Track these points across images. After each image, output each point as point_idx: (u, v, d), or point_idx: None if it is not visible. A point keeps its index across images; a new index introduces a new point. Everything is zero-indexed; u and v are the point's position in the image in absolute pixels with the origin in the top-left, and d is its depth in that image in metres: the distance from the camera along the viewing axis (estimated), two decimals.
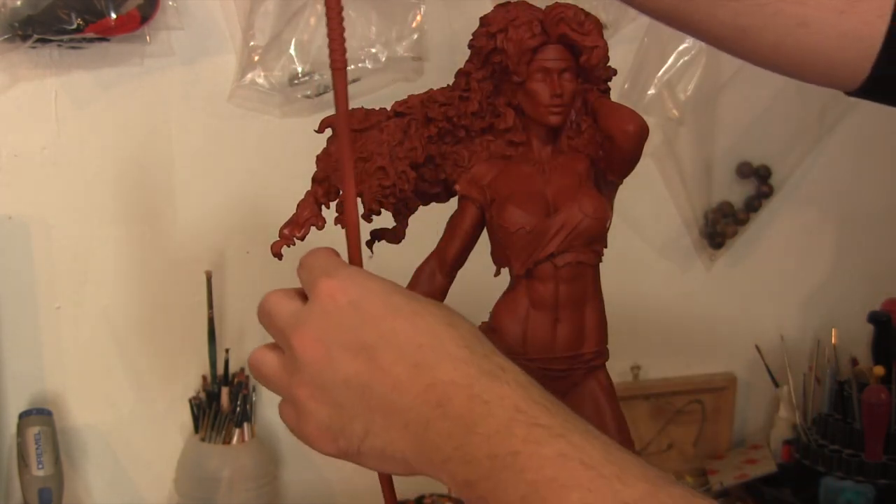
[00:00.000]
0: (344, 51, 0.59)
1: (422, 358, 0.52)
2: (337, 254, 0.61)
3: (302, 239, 0.70)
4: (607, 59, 0.71)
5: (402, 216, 0.75)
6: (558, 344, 0.72)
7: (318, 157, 0.72)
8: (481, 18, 0.72)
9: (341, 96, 0.60)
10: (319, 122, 0.72)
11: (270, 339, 0.62)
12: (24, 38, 1.08)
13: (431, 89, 0.73)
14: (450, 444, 0.51)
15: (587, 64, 0.70)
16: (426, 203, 0.76)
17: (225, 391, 1.22)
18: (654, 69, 1.32)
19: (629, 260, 1.39)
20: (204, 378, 1.24)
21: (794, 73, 0.74)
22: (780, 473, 1.38)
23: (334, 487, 1.33)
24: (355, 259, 0.63)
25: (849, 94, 0.74)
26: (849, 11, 0.68)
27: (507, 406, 0.51)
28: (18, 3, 1.08)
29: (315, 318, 0.55)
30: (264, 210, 1.20)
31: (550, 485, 0.48)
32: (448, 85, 0.74)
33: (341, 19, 0.59)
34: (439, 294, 0.73)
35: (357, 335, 0.53)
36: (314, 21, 1.19)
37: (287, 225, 0.71)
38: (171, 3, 1.14)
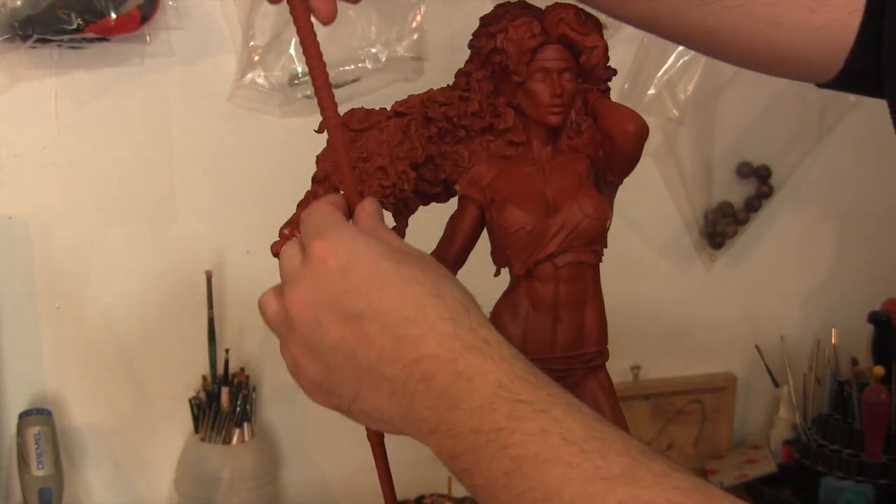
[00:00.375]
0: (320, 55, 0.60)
1: (406, 331, 0.52)
2: (337, 207, 0.61)
3: None
4: (607, 59, 0.71)
5: (402, 216, 0.75)
6: (558, 344, 0.72)
7: (318, 156, 0.72)
8: (481, 18, 0.72)
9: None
10: (319, 121, 0.72)
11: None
12: (24, 38, 1.08)
13: (431, 89, 0.73)
14: (435, 416, 0.51)
15: (587, 64, 0.70)
16: (426, 203, 0.76)
17: (225, 391, 1.22)
18: (654, 69, 1.32)
19: (629, 260, 1.39)
20: (204, 378, 1.24)
21: (766, 70, 0.74)
22: (780, 473, 1.38)
23: (334, 487, 1.33)
24: (352, 195, 0.63)
25: (821, 86, 0.74)
26: (820, 10, 0.68)
27: (490, 381, 0.51)
28: (18, 3, 1.08)
29: (306, 280, 0.56)
30: (264, 210, 1.20)
31: (532, 460, 0.48)
32: (448, 85, 0.74)
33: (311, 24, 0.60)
34: None
35: (344, 302, 0.54)
36: (314, 21, 1.19)
37: (287, 225, 0.71)
38: (171, 3, 1.14)
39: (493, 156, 0.74)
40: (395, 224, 0.75)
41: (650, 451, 0.50)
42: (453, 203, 0.75)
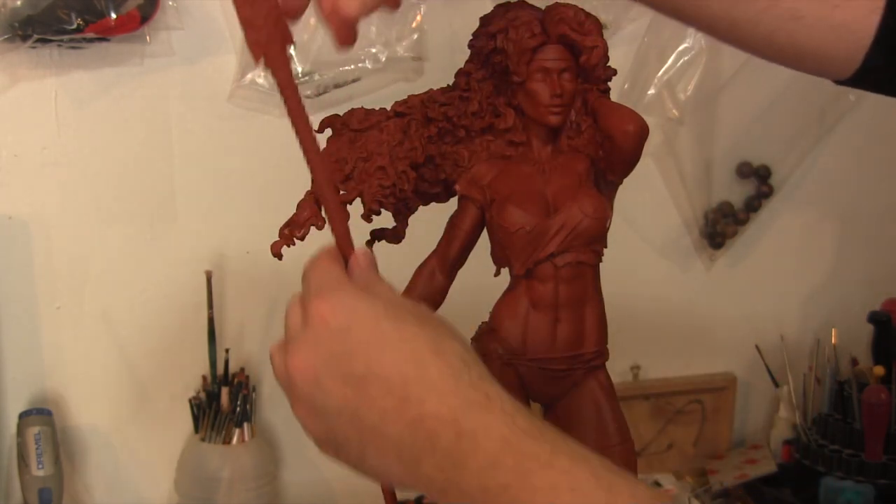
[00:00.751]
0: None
1: (408, 391, 0.53)
2: (339, 261, 0.61)
3: (302, 239, 0.70)
4: (607, 59, 0.71)
5: (402, 216, 0.75)
6: (558, 344, 0.72)
7: None
8: (481, 18, 0.72)
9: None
10: (319, 122, 0.72)
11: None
12: (24, 38, 1.08)
13: (431, 89, 0.73)
14: (442, 476, 0.52)
15: (587, 64, 0.70)
16: (426, 203, 0.76)
17: (225, 391, 1.22)
18: (654, 69, 1.32)
19: (629, 260, 1.39)
20: (204, 378, 1.24)
21: (785, 63, 0.74)
22: (780, 473, 1.38)
23: (334, 487, 1.33)
24: (344, 246, 0.62)
25: (838, 82, 0.75)
26: (842, 5, 0.69)
27: (494, 437, 0.51)
28: (18, 3, 1.08)
29: (307, 343, 0.56)
30: (264, 210, 1.20)
31: None
32: (448, 85, 0.74)
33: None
34: (439, 294, 0.73)
35: (346, 364, 0.54)
36: (314, 21, 1.19)
37: (287, 225, 0.71)
38: (171, 3, 1.14)
39: (493, 156, 0.74)
40: (395, 224, 0.76)
41: (659, 492, 0.51)
42: (453, 203, 0.75)
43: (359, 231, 0.72)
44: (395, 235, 0.76)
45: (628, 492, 0.50)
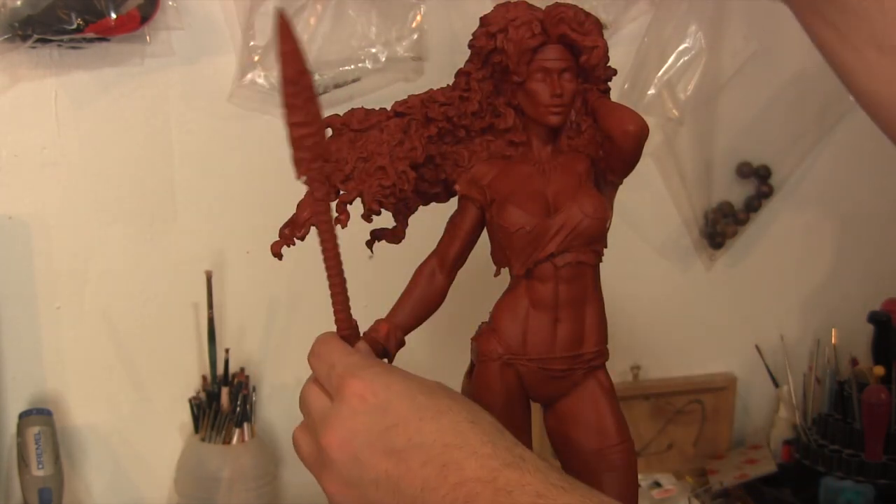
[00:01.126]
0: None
1: (449, 458, 0.55)
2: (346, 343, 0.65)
3: (302, 239, 0.70)
4: (607, 59, 0.71)
5: (402, 216, 0.75)
6: (558, 344, 0.72)
7: None
8: (481, 18, 0.72)
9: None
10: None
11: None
12: (24, 38, 1.08)
13: (432, 89, 0.73)
14: None
15: (587, 64, 0.70)
16: (426, 203, 0.76)
17: (225, 391, 1.22)
18: (654, 69, 1.32)
19: (629, 260, 1.39)
20: (204, 378, 1.24)
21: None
22: (780, 473, 1.38)
23: None
24: (343, 328, 0.66)
25: None
26: None
27: (528, 492, 0.53)
28: (18, 3, 1.08)
29: (343, 419, 0.58)
30: (264, 210, 1.20)
31: None
32: (448, 85, 0.74)
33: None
34: (439, 294, 0.73)
35: (386, 438, 0.56)
36: (314, 21, 1.19)
37: (287, 225, 0.71)
38: (171, 3, 1.14)
39: (494, 156, 0.74)
40: (395, 224, 0.76)
41: None
42: (453, 203, 0.75)
43: (359, 231, 0.72)
44: (395, 235, 0.76)
45: None
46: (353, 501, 0.57)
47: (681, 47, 1.33)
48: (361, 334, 0.69)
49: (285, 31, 0.59)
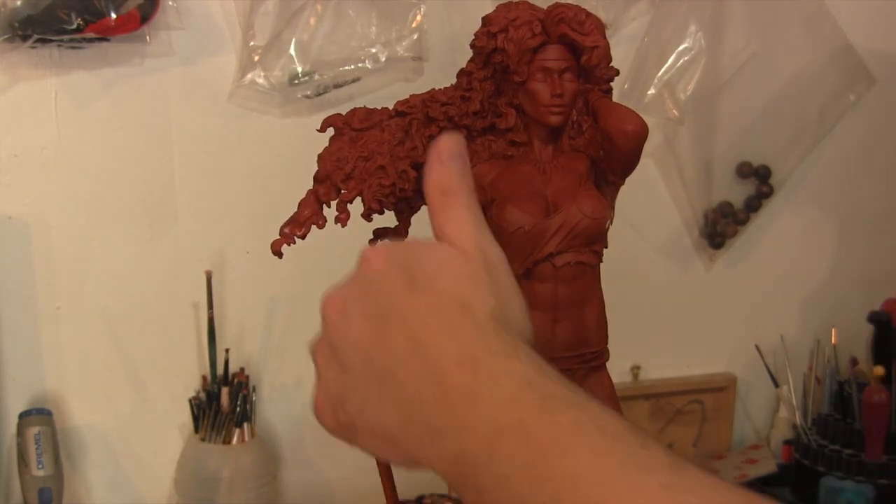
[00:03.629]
0: None
1: (427, 336, 0.50)
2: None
3: (303, 237, 0.70)
4: (609, 59, 0.71)
5: (404, 215, 0.75)
6: (558, 344, 0.71)
7: (319, 155, 0.72)
8: (483, 18, 0.72)
9: None
10: (321, 121, 0.72)
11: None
12: (24, 38, 1.08)
13: (433, 89, 0.73)
14: (444, 418, 0.47)
15: (588, 64, 0.70)
16: None
17: (225, 391, 1.22)
18: (654, 69, 1.32)
19: (629, 260, 1.39)
20: (204, 378, 1.24)
21: None
22: (780, 473, 1.38)
23: (334, 487, 1.33)
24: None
25: None
26: None
27: (517, 378, 0.46)
28: (18, 3, 1.08)
29: (348, 284, 0.55)
30: (264, 210, 1.20)
31: (561, 450, 0.43)
32: (450, 85, 0.74)
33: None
34: None
35: (374, 303, 0.52)
36: (314, 21, 1.19)
37: (288, 223, 0.71)
38: (171, 3, 1.14)
39: (495, 155, 0.74)
40: (397, 223, 0.76)
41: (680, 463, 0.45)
42: None
43: (360, 230, 0.72)
44: (397, 235, 0.76)
45: (664, 448, 0.44)
46: (332, 368, 0.54)
47: (681, 47, 1.33)
48: None
49: None
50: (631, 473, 0.42)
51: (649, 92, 1.33)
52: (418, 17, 1.22)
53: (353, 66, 1.20)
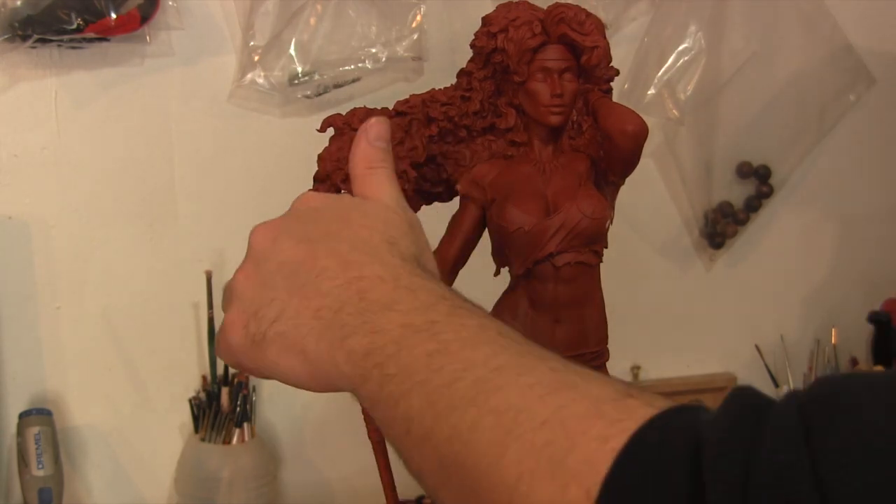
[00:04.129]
0: None
1: (355, 258, 0.53)
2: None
3: None
4: (609, 59, 0.71)
5: None
6: (558, 344, 0.72)
7: (319, 155, 0.72)
8: (483, 18, 0.72)
9: None
10: (321, 121, 0.72)
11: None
12: (24, 38, 1.08)
13: (433, 89, 0.73)
14: (359, 319, 0.50)
15: (588, 64, 0.70)
16: (428, 203, 0.76)
17: (225, 391, 1.22)
18: (654, 69, 1.32)
19: (629, 260, 1.39)
20: (204, 378, 1.24)
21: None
22: None
23: (334, 487, 1.33)
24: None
25: None
26: None
27: (433, 293, 0.51)
28: (18, 3, 1.08)
29: (281, 217, 0.59)
30: (264, 210, 1.20)
31: (462, 342, 0.47)
32: (450, 85, 0.74)
33: None
34: None
35: (304, 229, 0.56)
36: (314, 21, 1.19)
37: None
38: (171, 3, 1.14)
39: (495, 155, 0.74)
40: None
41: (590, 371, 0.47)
42: (456, 202, 0.75)
43: None
44: None
45: (558, 356, 0.47)
46: (251, 284, 0.56)
47: (681, 47, 1.33)
48: None
49: None
50: (524, 361, 0.46)
51: (649, 92, 1.32)
52: (418, 17, 1.22)
53: (353, 66, 1.20)
